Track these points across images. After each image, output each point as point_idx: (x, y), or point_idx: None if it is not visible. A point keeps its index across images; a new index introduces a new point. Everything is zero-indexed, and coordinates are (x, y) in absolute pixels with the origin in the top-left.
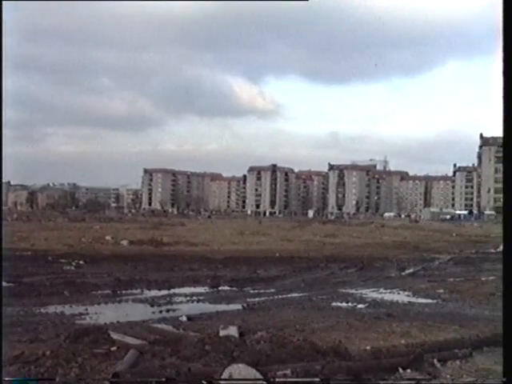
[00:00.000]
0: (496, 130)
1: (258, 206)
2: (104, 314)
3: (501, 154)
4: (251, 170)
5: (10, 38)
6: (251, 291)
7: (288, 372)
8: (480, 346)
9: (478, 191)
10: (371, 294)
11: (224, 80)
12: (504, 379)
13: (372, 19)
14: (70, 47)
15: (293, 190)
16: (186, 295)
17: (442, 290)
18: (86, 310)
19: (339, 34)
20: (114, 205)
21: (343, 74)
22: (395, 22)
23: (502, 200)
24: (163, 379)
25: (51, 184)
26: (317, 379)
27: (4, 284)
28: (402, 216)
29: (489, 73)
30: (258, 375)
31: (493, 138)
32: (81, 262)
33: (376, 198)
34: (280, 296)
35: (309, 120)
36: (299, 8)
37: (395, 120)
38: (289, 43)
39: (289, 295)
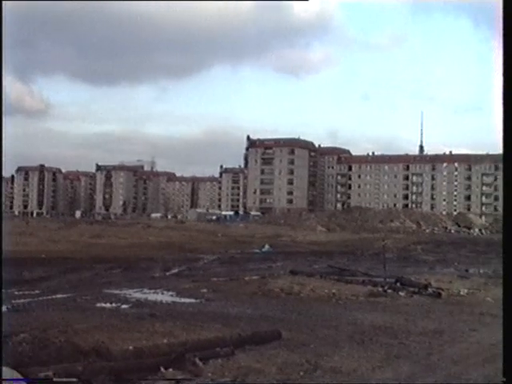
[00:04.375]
0: (262, 132)
1: (25, 207)
2: None
3: (267, 156)
4: (19, 170)
5: None
6: (16, 293)
7: (50, 373)
8: (242, 344)
9: (244, 192)
10: (135, 294)
11: None
12: (504, 379)
13: (139, 20)
14: None
15: (60, 191)
16: None
17: (205, 290)
18: None
19: (109, 34)
20: None
21: (111, 75)
22: (164, 24)
23: (267, 201)
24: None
25: None
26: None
27: None
28: (169, 217)
29: (258, 75)
30: (20, 377)
31: (259, 140)
32: None
33: (143, 198)
34: (45, 297)
35: (77, 120)
36: (70, 7)
37: (162, 121)
38: (58, 42)
39: (53, 296)
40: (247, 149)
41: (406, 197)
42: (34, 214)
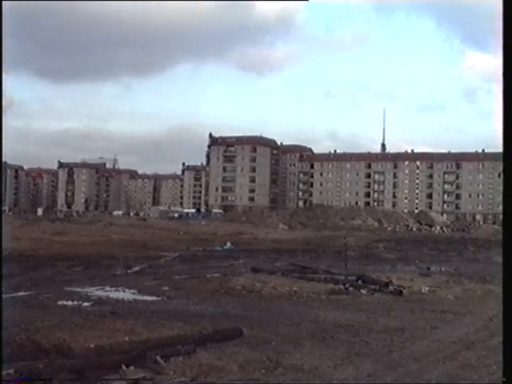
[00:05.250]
0: (224, 129)
1: None
2: None
3: (229, 154)
4: None
5: None
6: None
7: (11, 371)
8: (203, 341)
9: (206, 190)
10: (97, 292)
11: None
12: (504, 379)
13: (103, 18)
14: None
15: (23, 188)
16: None
17: (167, 287)
18: None
19: (70, 31)
20: None
21: (74, 72)
22: (127, 22)
23: (229, 198)
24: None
25: None
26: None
27: None
28: (131, 214)
29: (221, 73)
30: None
31: (221, 137)
32: None
33: (105, 196)
34: (6, 295)
35: (40, 117)
36: (32, 4)
37: (125, 118)
38: (21, 39)
39: (15, 294)
40: (209, 146)
41: (367, 195)
42: None
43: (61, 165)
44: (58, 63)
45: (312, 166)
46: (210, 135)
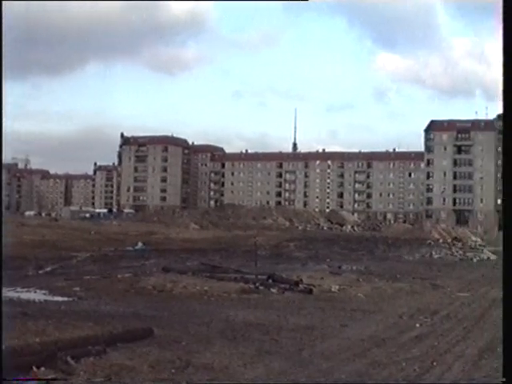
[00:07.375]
0: (136, 129)
1: None
2: None
3: (140, 153)
4: None
5: None
6: None
7: None
8: (114, 342)
9: (118, 190)
10: (8, 293)
11: None
12: (504, 379)
13: (11, 16)
14: None
15: None
16: None
17: (78, 288)
18: None
19: None
20: None
21: None
22: (36, 20)
23: (141, 198)
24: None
25: None
26: None
27: None
28: (43, 215)
29: (132, 73)
30: None
31: (133, 137)
32: None
33: (17, 196)
34: None
35: None
36: None
37: (35, 118)
38: None
39: None
40: (121, 146)
41: (279, 194)
42: None
43: None
44: None
45: (223, 166)
46: (122, 135)
